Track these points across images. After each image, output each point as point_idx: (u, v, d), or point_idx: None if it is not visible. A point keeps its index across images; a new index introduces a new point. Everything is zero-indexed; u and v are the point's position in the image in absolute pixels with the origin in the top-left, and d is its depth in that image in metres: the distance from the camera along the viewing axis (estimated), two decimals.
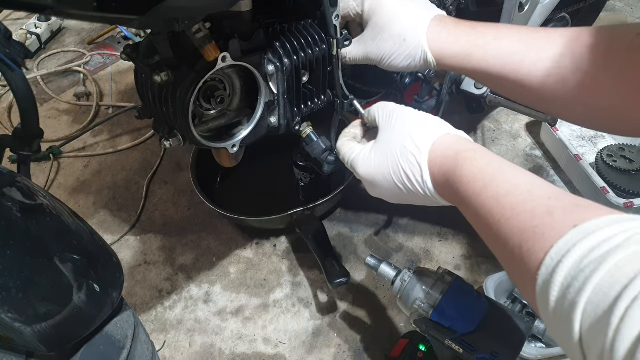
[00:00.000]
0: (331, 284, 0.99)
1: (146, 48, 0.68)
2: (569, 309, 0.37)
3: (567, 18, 1.20)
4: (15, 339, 0.52)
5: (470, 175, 0.52)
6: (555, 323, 0.39)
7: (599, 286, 0.35)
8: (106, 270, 0.60)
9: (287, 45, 0.75)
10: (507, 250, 0.45)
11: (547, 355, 0.95)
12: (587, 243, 0.37)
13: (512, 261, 0.45)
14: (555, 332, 0.40)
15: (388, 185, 0.63)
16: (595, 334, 0.35)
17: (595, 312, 0.35)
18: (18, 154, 0.70)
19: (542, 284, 0.40)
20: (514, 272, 0.46)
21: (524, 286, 0.43)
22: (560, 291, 0.38)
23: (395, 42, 0.70)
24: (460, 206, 0.55)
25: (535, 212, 0.43)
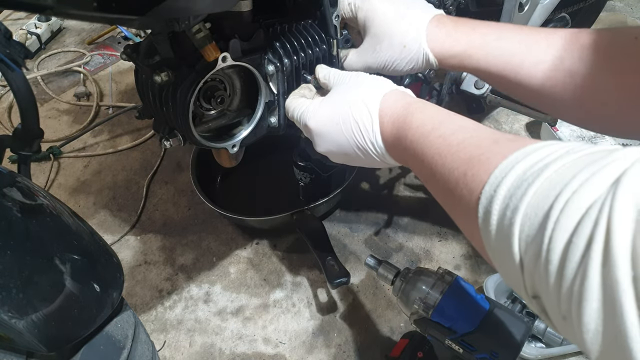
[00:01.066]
0: (331, 284, 0.99)
1: (146, 48, 0.68)
2: (507, 228, 0.36)
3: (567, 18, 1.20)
4: (15, 339, 0.52)
5: (419, 121, 0.53)
6: (498, 250, 0.38)
7: (535, 196, 0.34)
8: (106, 270, 0.60)
9: (287, 46, 0.75)
10: (451, 182, 0.44)
11: (547, 355, 0.95)
12: (528, 160, 0.37)
13: (455, 193, 0.44)
14: (499, 262, 0.39)
15: (337, 137, 0.62)
16: (531, 247, 0.34)
17: (532, 223, 0.34)
18: (18, 154, 0.70)
19: (483, 209, 0.39)
20: (456, 206, 0.45)
21: (467, 219, 0.42)
22: (500, 211, 0.37)
23: (395, 50, 0.70)
24: (407, 158, 0.55)
25: (481, 143, 0.43)
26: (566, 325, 0.32)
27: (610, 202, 0.29)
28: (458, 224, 0.48)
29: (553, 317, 0.34)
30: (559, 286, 0.31)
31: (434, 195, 0.53)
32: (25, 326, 0.50)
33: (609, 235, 0.28)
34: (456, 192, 0.43)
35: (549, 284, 0.32)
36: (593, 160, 0.33)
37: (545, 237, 0.32)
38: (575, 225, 0.30)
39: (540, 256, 0.32)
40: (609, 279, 0.28)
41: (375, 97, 0.60)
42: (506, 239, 0.36)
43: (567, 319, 0.31)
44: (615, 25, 1.81)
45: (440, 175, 0.47)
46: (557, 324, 0.34)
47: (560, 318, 0.32)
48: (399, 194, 1.30)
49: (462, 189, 0.42)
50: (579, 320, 0.30)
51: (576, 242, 0.30)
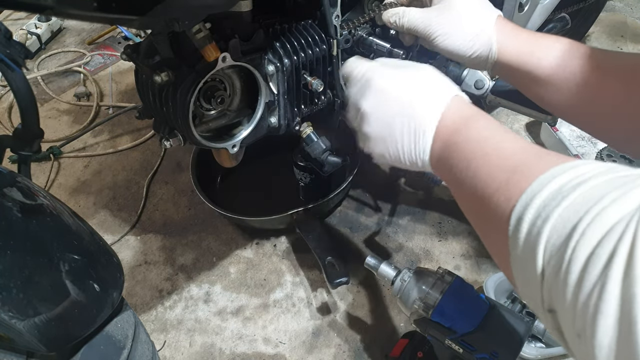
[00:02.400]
0: (331, 284, 0.99)
1: (146, 48, 0.68)
2: (535, 236, 0.36)
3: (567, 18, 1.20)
4: (15, 339, 0.52)
5: (471, 133, 0.53)
6: (522, 260, 0.38)
7: (567, 209, 0.34)
8: (106, 270, 0.60)
9: (287, 46, 0.75)
10: (491, 189, 0.45)
11: (547, 355, 0.95)
12: (566, 175, 0.37)
13: (492, 200, 0.44)
14: (521, 272, 0.39)
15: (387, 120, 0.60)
16: (555, 258, 0.34)
17: (559, 234, 0.34)
18: (18, 154, 0.70)
19: (516, 217, 0.39)
20: (490, 216, 0.45)
21: (498, 229, 0.42)
22: (532, 219, 0.37)
23: (465, 30, 0.69)
24: (450, 165, 0.54)
25: (528, 156, 0.44)
26: (580, 344, 0.32)
27: (637, 219, 0.29)
28: (486, 236, 0.48)
29: (567, 335, 0.34)
30: (576, 298, 0.31)
31: (464, 207, 0.52)
32: (25, 326, 0.50)
33: (633, 249, 0.28)
34: (493, 200, 0.44)
35: (567, 295, 0.32)
36: (626, 182, 0.33)
37: (569, 247, 0.32)
38: (600, 239, 0.31)
39: (562, 266, 0.33)
40: (628, 293, 0.28)
41: (438, 107, 0.56)
42: (532, 247, 0.36)
43: (581, 337, 0.31)
44: (615, 25, 1.81)
45: (482, 183, 0.47)
46: (570, 342, 0.34)
47: (574, 335, 0.32)
48: (399, 194, 1.30)
49: (500, 196, 0.43)
50: (592, 336, 0.29)
51: (599, 254, 0.30)
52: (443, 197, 1.28)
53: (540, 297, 0.36)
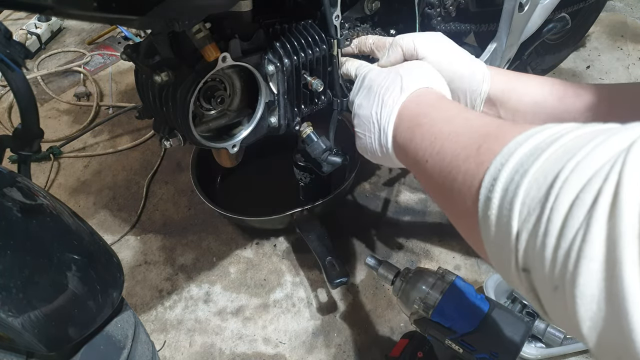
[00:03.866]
0: (331, 284, 0.99)
1: (146, 48, 0.68)
2: (512, 192, 0.34)
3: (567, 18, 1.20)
4: (15, 339, 0.52)
5: (438, 109, 0.55)
6: (496, 221, 0.36)
7: (547, 161, 0.33)
8: (106, 270, 0.60)
9: (287, 46, 0.75)
10: (461, 159, 0.43)
11: (547, 355, 0.95)
12: (545, 132, 0.36)
13: (461, 170, 0.42)
14: (493, 233, 0.37)
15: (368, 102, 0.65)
16: (534, 211, 0.32)
17: (539, 186, 0.33)
18: (18, 154, 0.70)
19: (490, 178, 0.37)
20: (459, 186, 0.42)
21: (465, 202, 0.41)
22: (508, 177, 0.35)
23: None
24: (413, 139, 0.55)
25: (502, 124, 0.43)
26: (556, 298, 0.30)
27: (623, 159, 0.28)
28: (454, 210, 0.45)
29: (542, 292, 0.32)
30: (557, 247, 0.30)
31: (429, 186, 0.51)
32: (25, 326, 0.50)
33: (619, 188, 0.27)
34: (462, 169, 0.42)
35: (547, 247, 0.30)
36: (606, 131, 0.32)
37: (550, 196, 0.31)
38: (584, 183, 0.29)
39: (542, 218, 0.31)
40: (613, 233, 0.26)
41: (403, 95, 0.60)
42: (509, 206, 0.34)
43: (559, 289, 0.30)
44: (615, 25, 1.81)
45: (449, 155, 0.45)
46: (545, 299, 0.32)
47: (550, 290, 0.31)
48: (399, 194, 1.30)
49: (471, 164, 0.41)
50: (573, 284, 0.28)
51: (583, 198, 0.29)
52: None
53: (513, 258, 0.34)
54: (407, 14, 0.90)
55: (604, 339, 0.27)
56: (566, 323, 0.30)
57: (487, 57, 0.98)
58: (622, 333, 0.26)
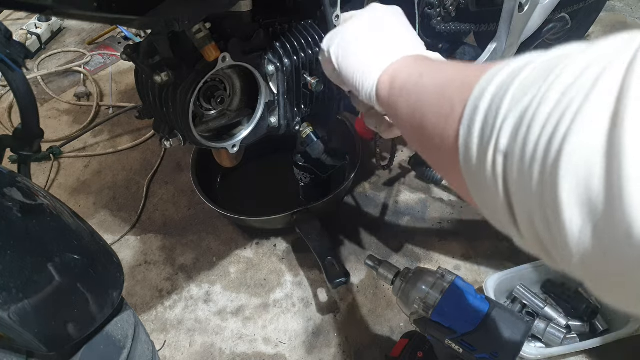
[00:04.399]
0: (331, 284, 0.99)
1: (146, 48, 0.68)
2: (497, 103, 0.32)
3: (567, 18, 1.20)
4: (15, 339, 0.52)
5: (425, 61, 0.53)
6: (478, 149, 0.34)
7: (536, 70, 0.31)
8: (106, 270, 0.60)
9: (287, 46, 0.75)
10: (448, 91, 0.41)
11: (546, 355, 0.95)
12: (527, 56, 0.34)
13: (445, 99, 0.40)
14: (478, 179, 0.34)
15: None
16: (518, 107, 0.30)
17: (524, 89, 0.30)
18: (18, 154, 0.70)
19: (474, 99, 0.35)
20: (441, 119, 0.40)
21: (450, 119, 0.38)
22: (490, 100, 0.33)
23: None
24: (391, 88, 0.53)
25: (484, 65, 0.41)
26: (522, 179, 0.29)
27: (633, 52, 0.25)
28: (432, 144, 0.43)
29: (516, 179, 0.30)
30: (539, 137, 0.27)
31: (409, 128, 0.48)
32: (25, 326, 0.50)
33: (633, 66, 0.24)
34: (447, 96, 0.40)
35: (529, 144, 0.28)
36: (592, 44, 0.30)
37: (539, 92, 0.29)
38: (584, 67, 0.27)
39: (527, 113, 0.29)
40: (618, 115, 0.23)
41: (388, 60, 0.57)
42: (493, 119, 0.32)
43: (542, 174, 0.27)
44: (615, 25, 1.81)
45: (433, 92, 0.43)
46: (516, 186, 0.30)
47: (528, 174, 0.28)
48: (399, 194, 1.30)
49: (455, 94, 0.38)
50: (555, 168, 0.26)
51: (580, 83, 0.26)
52: (443, 197, 1.28)
53: (500, 185, 0.32)
54: (406, 13, 0.90)
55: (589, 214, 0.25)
56: (546, 230, 0.28)
57: (487, 57, 0.98)
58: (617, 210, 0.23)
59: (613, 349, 0.95)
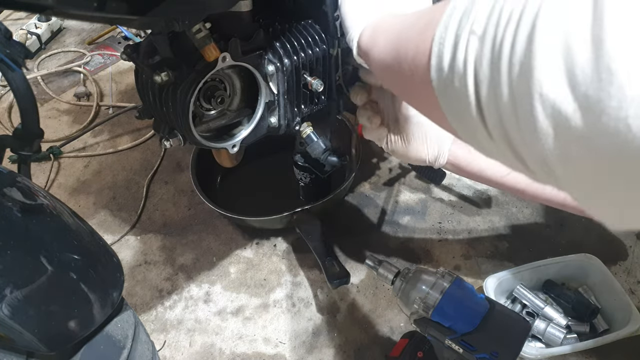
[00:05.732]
0: (331, 284, 0.99)
1: (146, 48, 0.68)
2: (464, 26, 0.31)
3: None
4: (15, 339, 0.52)
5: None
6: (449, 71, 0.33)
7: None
8: (106, 270, 0.60)
9: (287, 46, 0.75)
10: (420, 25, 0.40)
11: (546, 355, 0.95)
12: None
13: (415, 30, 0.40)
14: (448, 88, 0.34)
15: None
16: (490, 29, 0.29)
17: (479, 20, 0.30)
18: (18, 154, 0.70)
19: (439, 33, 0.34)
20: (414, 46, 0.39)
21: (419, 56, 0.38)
22: (456, 26, 0.32)
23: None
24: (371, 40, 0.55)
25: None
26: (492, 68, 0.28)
27: None
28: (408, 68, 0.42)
29: (488, 62, 0.29)
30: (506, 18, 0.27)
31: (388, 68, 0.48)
32: (25, 326, 0.50)
33: None
34: (421, 21, 0.40)
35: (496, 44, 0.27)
36: None
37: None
38: None
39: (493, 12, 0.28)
40: None
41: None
42: (466, 18, 0.31)
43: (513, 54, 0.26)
44: None
45: (413, 18, 0.44)
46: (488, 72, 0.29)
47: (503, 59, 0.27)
48: (399, 194, 1.30)
49: (428, 17, 0.38)
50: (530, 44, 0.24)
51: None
52: (443, 197, 1.28)
53: (471, 91, 0.31)
54: None
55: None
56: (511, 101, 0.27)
57: None
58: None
59: (613, 349, 0.95)
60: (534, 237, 1.17)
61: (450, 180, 1.31)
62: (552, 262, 1.04)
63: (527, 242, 1.17)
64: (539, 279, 1.06)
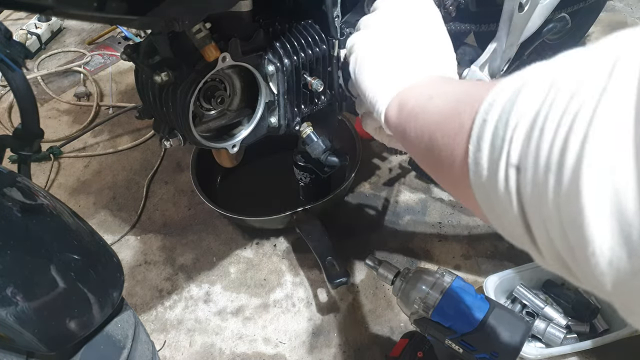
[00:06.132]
0: (331, 284, 0.99)
1: (146, 48, 0.68)
2: (503, 132, 0.30)
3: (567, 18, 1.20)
4: (15, 339, 0.52)
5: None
6: (489, 172, 0.32)
7: (536, 86, 0.29)
8: (106, 270, 0.60)
9: (287, 46, 0.75)
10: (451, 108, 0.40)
11: (546, 355, 0.95)
12: (531, 71, 0.32)
13: (453, 116, 0.39)
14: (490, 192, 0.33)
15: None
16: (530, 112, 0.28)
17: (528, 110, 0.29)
18: (18, 154, 0.70)
19: (478, 125, 0.34)
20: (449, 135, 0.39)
21: (454, 153, 0.37)
22: (497, 117, 0.32)
23: None
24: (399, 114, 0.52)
25: (480, 84, 0.40)
26: (537, 193, 0.27)
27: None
28: (443, 167, 0.42)
29: (531, 194, 0.28)
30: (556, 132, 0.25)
31: (419, 152, 0.47)
32: (25, 326, 0.50)
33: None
34: (455, 113, 0.38)
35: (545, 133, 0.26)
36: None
37: (550, 91, 0.27)
38: (593, 63, 0.25)
39: (540, 113, 0.27)
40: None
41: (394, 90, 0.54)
42: (502, 130, 0.30)
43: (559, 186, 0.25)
44: (615, 25, 1.81)
45: (438, 114, 0.42)
46: (531, 202, 0.28)
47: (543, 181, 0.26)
48: (399, 194, 1.30)
49: (462, 110, 0.37)
50: (576, 180, 0.23)
51: (594, 78, 0.25)
52: (443, 197, 1.28)
53: (515, 207, 0.30)
54: None
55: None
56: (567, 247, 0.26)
57: (487, 57, 0.98)
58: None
59: (613, 349, 0.95)
60: None
61: None
62: None
63: None
64: (539, 279, 1.06)
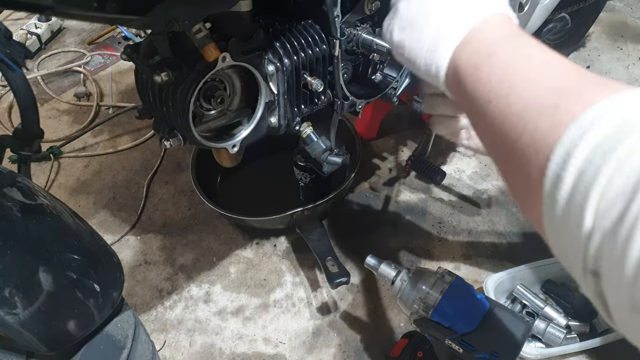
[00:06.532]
0: (331, 284, 0.99)
1: (146, 48, 0.69)
2: (586, 186, 0.28)
3: (567, 18, 1.20)
4: (15, 339, 0.52)
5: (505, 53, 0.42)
6: (563, 210, 0.30)
7: (628, 154, 0.27)
8: (106, 270, 0.60)
9: (287, 46, 0.75)
10: (527, 113, 0.35)
11: (547, 355, 0.95)
12: (624, 108, 0.29)
13: (526, 129, 0.35)
14: (559, 226, 0.31)
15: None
16: (615, 211, 0.27)
17: (623, 183, 0.27)
18: (18, 154, 0.70)
19: (560, 158, 0.31)
20: (520, 148, 0.35)
21: (529, 167, 0.34)
22: (584, 161, 0.29)
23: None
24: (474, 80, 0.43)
25: (580, 77, 0.35)
26: (634, 319, 0.26)
27: None
28: (511, 170, 0.38)
29: (614, 306, 0.27)
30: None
31: (486, 133, 0.42)
32: (26, 326, 0.50)
33: None
34: (530, 125, 0.35)
35: (628, 258, 0.25)
36: None
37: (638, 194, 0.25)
38: None
39: (626, 218, 0.26)
40: None
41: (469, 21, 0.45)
42: (583, 191, 0.28)
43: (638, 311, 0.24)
44: (615, 25, 1.81)
45: (520, 102, 0.37)
46: (616, 314, 0.28)
47: (627, 309, 0.26)
48: (399, 194, 1.30)
49: (543, 121, 0.34)
50: None
51: None
52: (443, 197, 1.28)
53: (581, 257, 0.29)
54: None
55: None
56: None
57: None
58: None
59: (613, 349, 0.95)
60: (534, 237, 1.17)
61: (450, 180, 1.31)
62: (552, 262, 1.04)
63: (527, 242, 1.17)
64: (539, 279, 1.06)
